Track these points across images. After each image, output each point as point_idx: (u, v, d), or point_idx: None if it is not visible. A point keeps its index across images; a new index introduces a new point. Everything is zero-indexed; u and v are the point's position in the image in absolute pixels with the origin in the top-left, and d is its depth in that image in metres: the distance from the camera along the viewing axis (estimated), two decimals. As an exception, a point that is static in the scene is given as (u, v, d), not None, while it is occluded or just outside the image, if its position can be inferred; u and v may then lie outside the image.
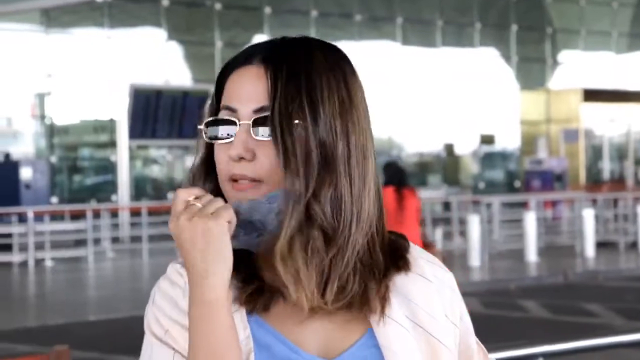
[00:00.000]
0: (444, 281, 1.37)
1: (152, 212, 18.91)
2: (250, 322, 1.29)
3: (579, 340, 3.47)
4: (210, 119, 1.32)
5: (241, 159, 1.28)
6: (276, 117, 1.27)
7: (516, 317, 10.89)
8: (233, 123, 1.29)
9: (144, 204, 19.15)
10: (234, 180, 1.29)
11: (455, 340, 1.34)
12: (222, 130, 1.30)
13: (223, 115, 1.31)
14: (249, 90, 1.30)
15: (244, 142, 1.28)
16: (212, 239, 1.23)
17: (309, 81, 1.29)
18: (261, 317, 1.30)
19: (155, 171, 23.49)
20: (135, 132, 19.80)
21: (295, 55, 1.30)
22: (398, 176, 8.69)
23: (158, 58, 22.18)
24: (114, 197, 21.46)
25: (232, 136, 1.29)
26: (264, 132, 1.28)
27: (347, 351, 1.29)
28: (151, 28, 22.38)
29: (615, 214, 19.32)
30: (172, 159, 23.25)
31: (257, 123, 1.29)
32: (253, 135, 1.28)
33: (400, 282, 1.33)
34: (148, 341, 1.32)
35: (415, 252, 1.37)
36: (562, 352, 3.29)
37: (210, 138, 1.31)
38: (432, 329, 1.32)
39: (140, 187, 22.34)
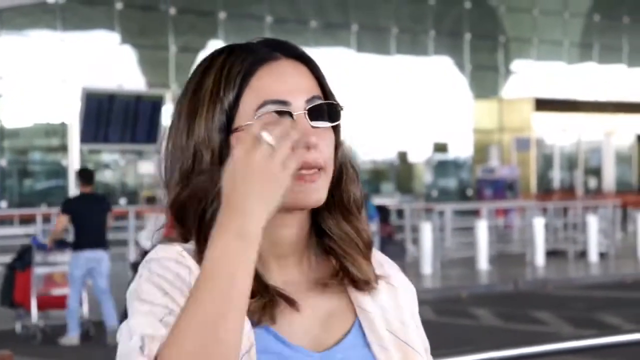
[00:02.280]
0: (406, 284, 1.47)
1: (103, 217, 18.66)
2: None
3: (525, 347, 3.48)
4: (265, 111, 1.31)
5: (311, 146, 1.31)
6: (335, 106, 1.36)
7: (467, 324, 10.95)
8: (288, 115, 1.31)
9: (95, 209, 18.93)
10: (300, 171, 1.29)
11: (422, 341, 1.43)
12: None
13: (270, 109, 1.31)
14: (295, 81, 1.34)
15: (312, 132, 1.32)
16: (275, 189, 1.21)
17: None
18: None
19: (108, 176, 23.28)
20: (87, 136, 19.56)
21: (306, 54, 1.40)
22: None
23: (111, 62, 22.01)
24: (64, 202, 21.21)
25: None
26: (321, 120, 1.33)
27: (335, 346, 1.36)
28: (104, 31, 22.20)
29: (565, 223, 19.51)
30: (124, 163, 23.06)
31: (313, 112, 1.33)
32: (312, 124, 1.32)
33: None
34: (139, 311, 1.28)
35: (379, 256, 1.45)
36: (508, 359, 3.29)
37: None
38: (404, 335, 1.40)
39: (92, 192, 22.10)
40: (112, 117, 19.73)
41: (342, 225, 1.39)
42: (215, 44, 23.61)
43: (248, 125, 1.31)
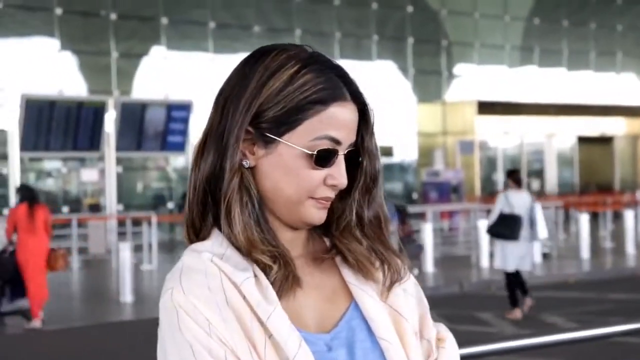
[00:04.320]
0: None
1: (45, 226, 18.39)
2: None
3: (466, 347, 3.48)
4: (325, 148, 1.47)
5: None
6: (363, 156, 1.54)
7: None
8: (336, 153, 1.48)
9: (37, 218, 18.65)
10: (317, 198, 1.48)
11: (414, 310, 1.57)
12: (329, 158, 1.48)
13: (326, 143, 1.47)
14: (350, 127, 1.50)
15: (345, 175, 1.49)
16: None
17: None
18: None
19: (49, 184, 22.96)
20: (28, 143, 19.28)
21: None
22: (29, 195, 11.19)
23: (51, 68, 21.72)
24: (5, 211, 20.87)
25: (332, 164, 1.48)
26: (349, 164, 1.51)
27: (339, 323, 1.50)
28: (44, 37, 21.91)
29: (509, 224, 19.63)
30: (66, 171, 22.77)
31: (346, 156, 1.50)
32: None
33: None
34: (181, 338, 1.40)
35: None
36: None
37: (318, 160, 1.47)
38: (393, 303, 1.54)
39: (33, 200, 21.80)
40: (53, 124, 19.48)
41: (363, 251, 1.57)
42: (157, 50, 23.44)
43: (304, 150, 1.46)
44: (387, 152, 27.50)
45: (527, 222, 11.39)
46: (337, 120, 1.48)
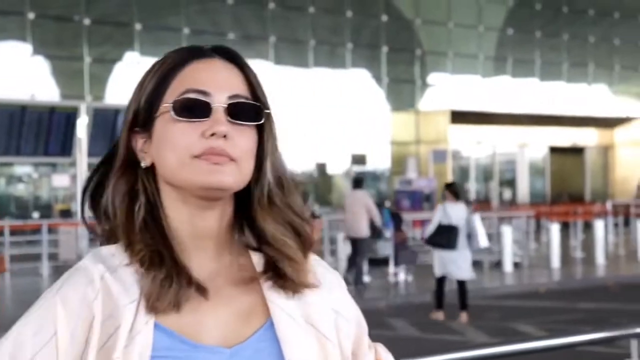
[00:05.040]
0: (332, 280, 1.49)
1: (15, 232, 18.31)
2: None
3: (437, 355, 3.48)
4: (185, 97, 1.38)
5: (224, 136, 1.37)
6: (257, 107, 1.43)
7: (385, 335, 10.96)
8: (206, 104, 1.38)
9: (7, 223, 18.51)
10: (204, 155, 1.36)
11: (342, 332, 1.46)
12: (196, 109, 1.38)
13: (190, 96, 1.39)
14: (222, 78, 1.41)
15: (225, 123, 1.37)
16: None
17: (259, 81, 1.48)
18: (158, 320, 1.35)
19: (20, 189, 22.78)
20: (-2, 148, 19.13)
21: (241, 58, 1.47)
22: None
23: (24, 72, 21.57)
24: (-25, 216, 20.69)
25: (205, 116, 1.37)
26: (242, 116, 1.39)
27: (246, 341, 1.38)
28: (16, 41, 21.75)
29: (481, 233, 19.71)
30: (37, 176, 22.60)
31: (233, 108, 1.39)
32: (230, 119, 1.38)
33: None
34: (39, 315, 1.35)
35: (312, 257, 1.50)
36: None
37: (181, 115, 1.38)
38: (320, 326, 1.43)
39: (3, 206, 21.64)
40: (24, 129, 19.32)
41: (281, 229, 1.44)
42: (131, 55, 23.35)
43: (165, 106, 1.39)
44: (360, 160, 27.53)
45: (464, 232, 11.90)
46: (197, 74, 1.41)
